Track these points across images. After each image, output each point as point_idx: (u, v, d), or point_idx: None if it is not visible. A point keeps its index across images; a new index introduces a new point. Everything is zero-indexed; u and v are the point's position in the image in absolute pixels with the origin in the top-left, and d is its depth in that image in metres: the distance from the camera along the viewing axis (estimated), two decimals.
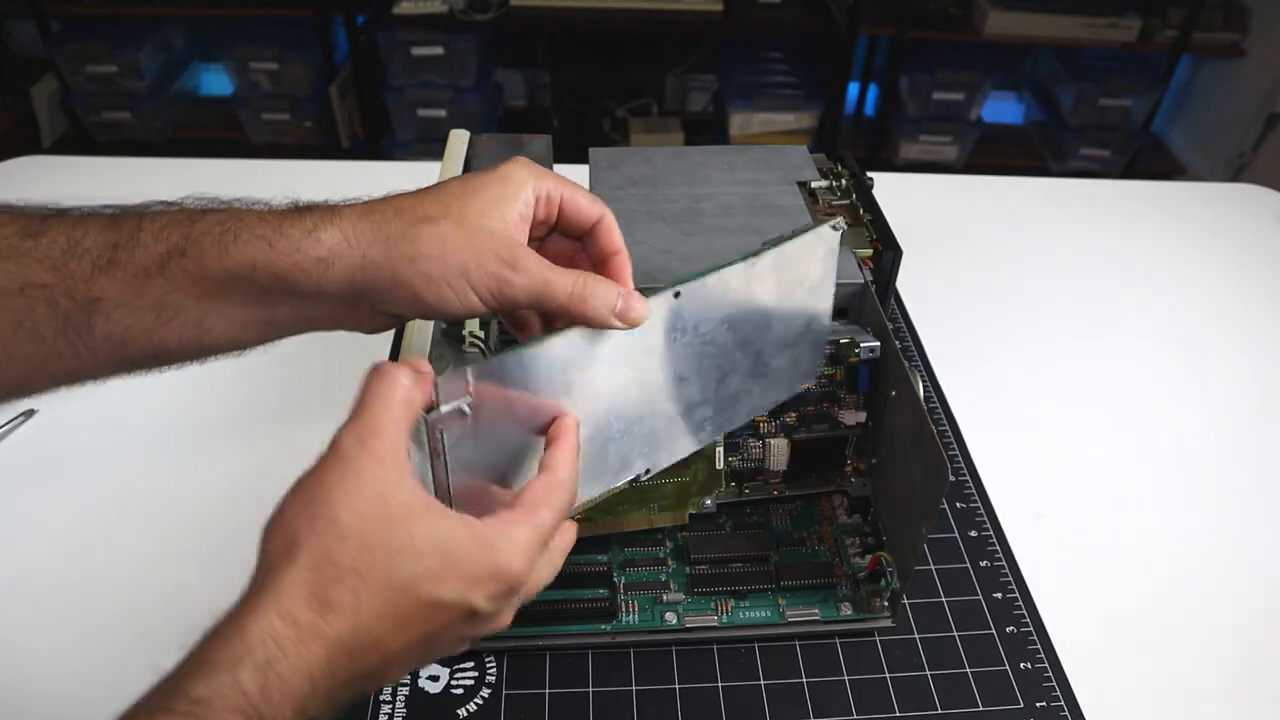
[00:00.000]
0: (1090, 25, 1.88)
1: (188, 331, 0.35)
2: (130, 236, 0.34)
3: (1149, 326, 0.74)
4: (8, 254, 0.33)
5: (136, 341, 0.35)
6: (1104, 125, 1.99)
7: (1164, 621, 0.53)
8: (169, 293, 0.34)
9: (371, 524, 0.30)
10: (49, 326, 0.34)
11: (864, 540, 0.53)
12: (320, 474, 0.31)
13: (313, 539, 0.30)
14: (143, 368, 0.37)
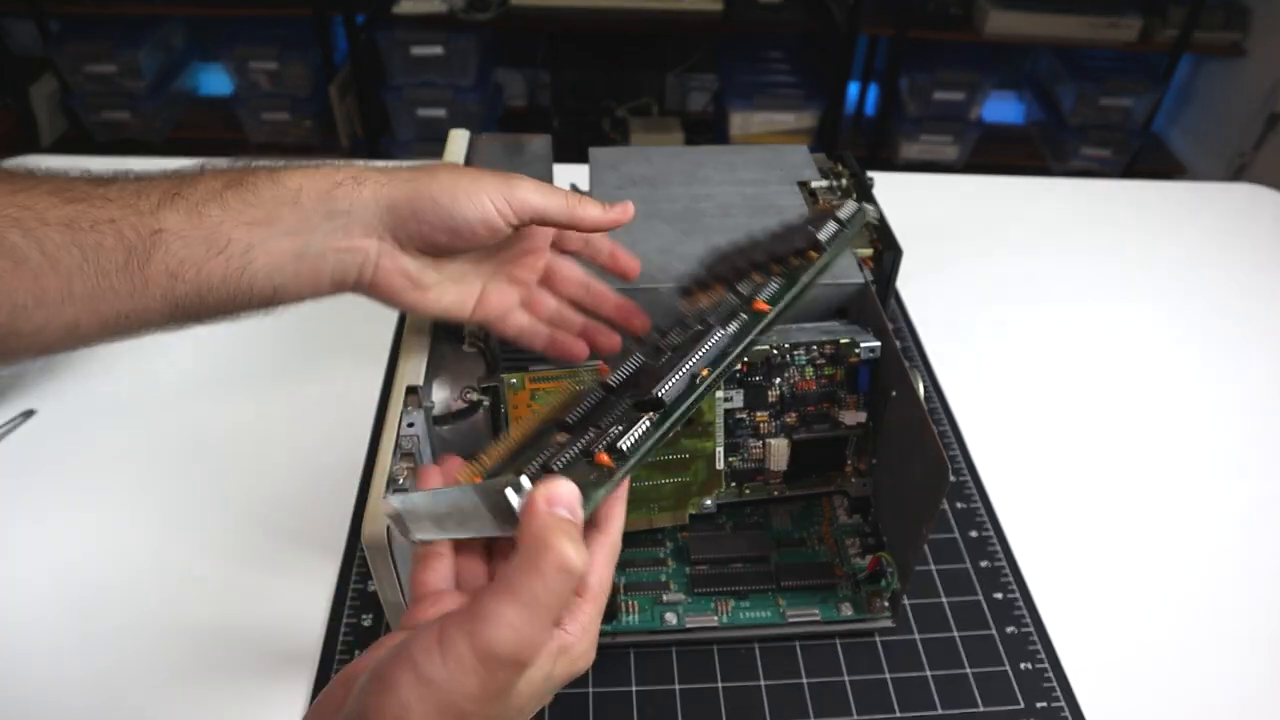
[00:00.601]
0: (1091, 25, 1.88)
1: (233, 264, 0.38)
2: (194, 176, 0.39)
3: (1150, 326, 0.74)
4: (81, 197, 0.36)
5: (186, 275, 0.37)
6: (1104, 125, 1.99)
7: (1164, 622, 0.53)
8: (222, 222, 0.38)
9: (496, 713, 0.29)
10: (112, 259, 0.36)
11: (864, 540, 0.53)
12: (466, 694, 0.28)
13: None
14: (186, 311, 0.39)
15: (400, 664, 0.28)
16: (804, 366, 0.50)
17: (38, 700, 0.46)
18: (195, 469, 0.58)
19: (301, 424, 0.62)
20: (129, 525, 0.55)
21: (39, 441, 0.60)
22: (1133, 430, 0.65)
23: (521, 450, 0.35)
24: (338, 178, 0.40)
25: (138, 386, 0.64)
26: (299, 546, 0.54)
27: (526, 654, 0.28)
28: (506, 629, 0.27)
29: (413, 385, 0.47)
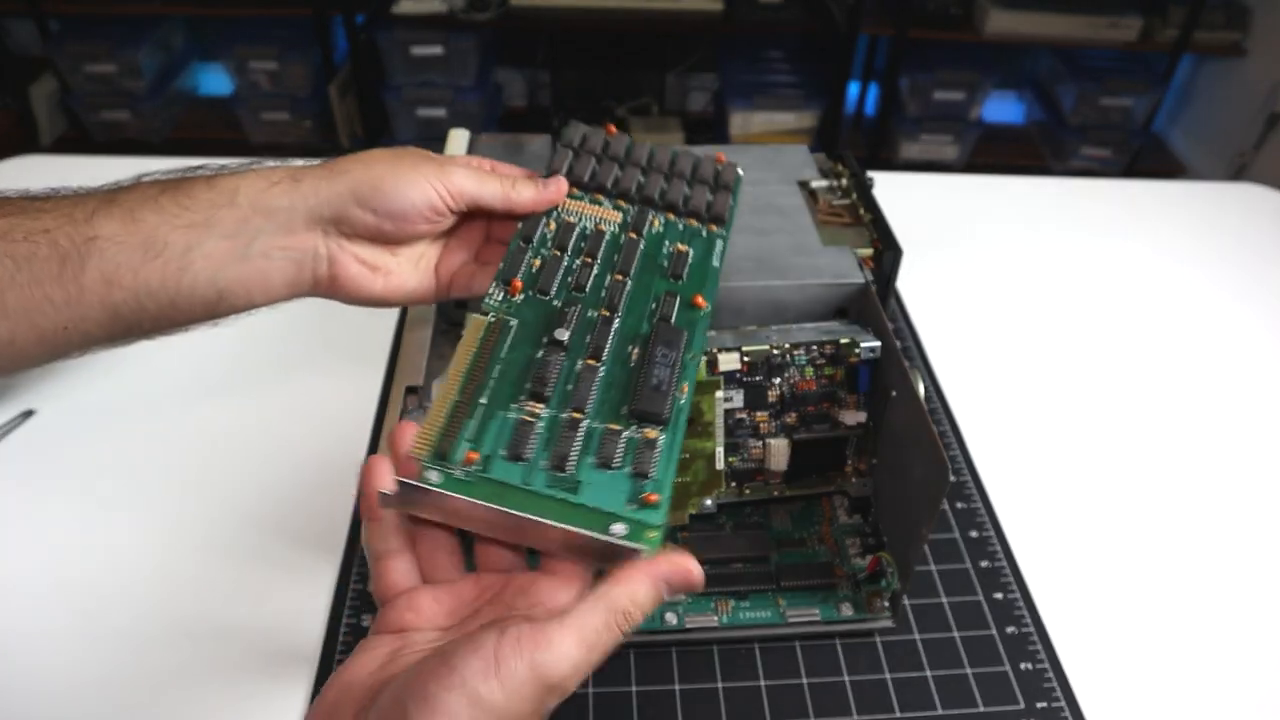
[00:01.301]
0: (1091, 25, 1.88)
1: (171, 267, 0.38)
2: (130, 185, 0.39)
3: (1150, 326, 0.74)
4: (16, 211, 0.36)
5: (123, 280, 0.37)
6: (1105, 125, 1.99)
7: (1165, 622, 0.53)
8: (159, 226, 0.37)
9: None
10: (47, 269, 0.36)
11: (864, 540, 0.53)
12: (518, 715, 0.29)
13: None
14: (126, 320, 0.38)
15: (449, 685, 0.27)
16: (804, 366, 0.50)
17: (37, 700, 0.46)
18: (195, 469, 0.58)
19: (302, 424, 0.62)
20: (129, 525, 0.55)
21: (39, 441, 0.60)
22: (1133, 430, 0.65)
23: (466, 412, 0.35)
24: (274, 177, 0.40)
25: (138, 387, 0.64)
26: (299, 546, 0.54)
27: (573, 684, 0.29)
28: (566, 662, 0.28)
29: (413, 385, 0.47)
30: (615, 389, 0.38)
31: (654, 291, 0.42)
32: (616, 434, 0.36)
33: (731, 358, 0.48)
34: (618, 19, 1.89)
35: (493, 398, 0.36)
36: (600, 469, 0.35)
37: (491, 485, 0.33)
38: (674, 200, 0.47)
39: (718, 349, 0.48)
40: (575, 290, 0.41)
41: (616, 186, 0.47)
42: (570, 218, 0.44)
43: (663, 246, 0.45)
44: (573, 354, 0.38)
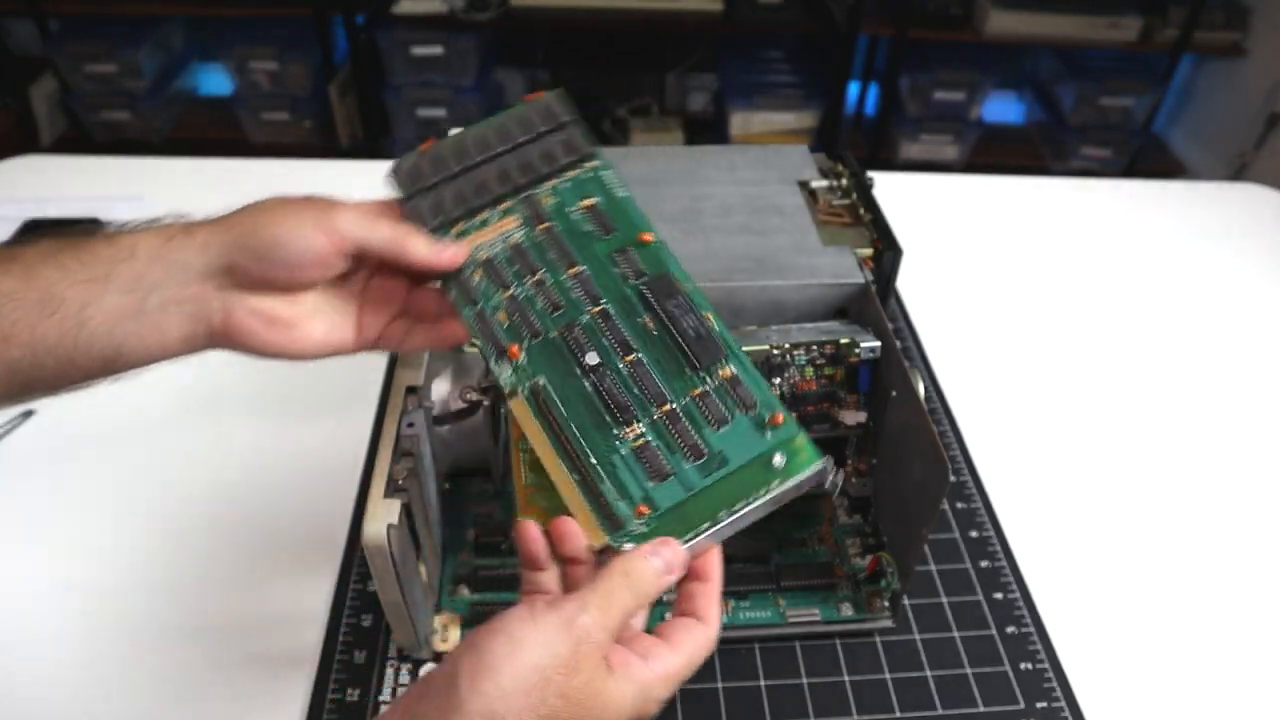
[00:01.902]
0: (1091, 25, 1.88)
1: (68, 324, 0.37)
2: (31, 243, 0.38)
3: (1150, 326, 0.74)
4: None
5: (20, 337, 0.37)
6: (1105, 125, 1.99)
7: (1164, 622, 0.53)
8: (56, 282, 0.37)
9: (577, 707, 0.32)
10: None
11: (864, 541, 0.53)
12: (552, 654, 0.32)
13: (526, 715, 0.31)
14: (24, 377, 0.38)
15: (491, 632, 0.31)
16: (804, 366, 0.50)
17: (37, 701, 0.46)
18: (195, 469, 0.58)
19: (301, 424, 0.62)
20: (129, 525, 0.55)
21: (39, 442, 0.60)
22: (1132, 430, 0.65)
23: (595, 480, 0.37)
24: (171, 231, 0.39)
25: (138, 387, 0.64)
26: (299, 546, 0.54)
27: (598, 634, 0.32)
28: (589, 612, 0.32)
29: (413, 385, 0.47)
30: (666, 359, 0.39)
31: (604, 257, 0.41)
32: (704, 395, 0.38)
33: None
34: (618, 19, 1.89)
35: (599, 452, 0.37)
36: (723, 430, 0.37)
37: (672, 514, 0.36)
38: (533, 164, 0.44)
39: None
40: (555, 311, 0.40)
41: (483, 194, 0.43)
42: (483, 253, 0.42)
43: (570, 213, 0.43)
44: (610, 363, 0.39)
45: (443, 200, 0.42)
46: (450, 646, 0.47)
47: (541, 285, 0.41)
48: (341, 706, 0.46)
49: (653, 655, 0.34)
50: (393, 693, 0.46)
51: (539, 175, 0.43)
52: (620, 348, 0.39)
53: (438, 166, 0.43)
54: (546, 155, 0.44)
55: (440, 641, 0.48)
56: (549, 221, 0.42)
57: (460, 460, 0.53)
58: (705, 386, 0.38)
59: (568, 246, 0.42)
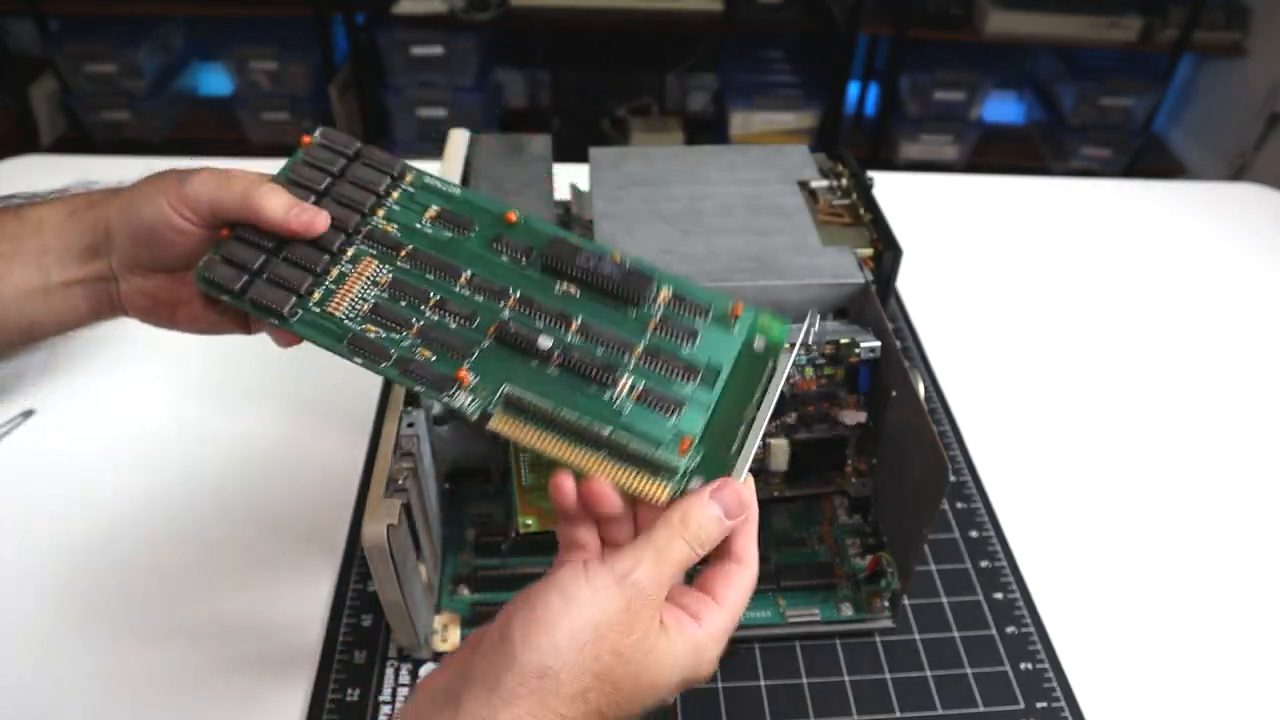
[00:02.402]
0: (1091, 25, 1.88)
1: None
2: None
3: (1150, 326, 0.74)
4: None
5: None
6: (1105, 125, 1.99)
7: (1164, 622, 0.53)
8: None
9: (631, 665, 0.32)
10: None
11: (864, 540, 0.53)
12: (605, 611, 0.32)
13: (579, 672, 0.31)
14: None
15: (545, 587, 0.32)
16: (804, 366, 0.50)
17: (36, 701, 0.46)
18: (195, 469, 0.58)
19: (302, 424, 0.62)
20: (128, 525, 0.55)
21: (39, 441, 0.60)
22: (1132, 430, 0.65)
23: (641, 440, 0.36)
24: (76, 204, 0.40)
25: (137, 387, 0.64)
26: (299, 546, 0.54)
27: (652, 590, 0.32)
28: (640, 565, 0.32)
29: None
30: (605, 311, 0.39)
31: (484, 253, 0.40)
32: (661, 321, 0.38)
33: None
34: (618, 19, 1.89)
35: (607, 417, 0.36)
36: (697, 343, 0.38)
37: (710, 438, 0.36)
38: (353, 200, 0.41)
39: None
40: (472, 322, 0.38)
41: (322, 251, 0.39)
42: (364, 304, 0.38)
43: (420, 230, 0.41)
44: (560, 339, 0.38)
45: (284, 276, 0.38)
46: (450, 647, 0.47)
47: (443, 306, 0.38)
48: (341, 706, 0.46)
49: (704, 615, 0.34)
50: (393, 693, 0.46)
51: (365, 209, 0.40)
52: (558, 321, 0.38)
53: (251, 250, 0.39)
54: (360, 186, 0.41)
55: (440, 641, 0.48)
56: (405, 246, 0.40)
57: (460, 460, 0.53)
58: (655, 315, 0.39)
59: (440, 259, 0.40)
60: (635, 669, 0.31)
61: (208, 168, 0.39)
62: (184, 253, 0.39)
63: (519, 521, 0.49)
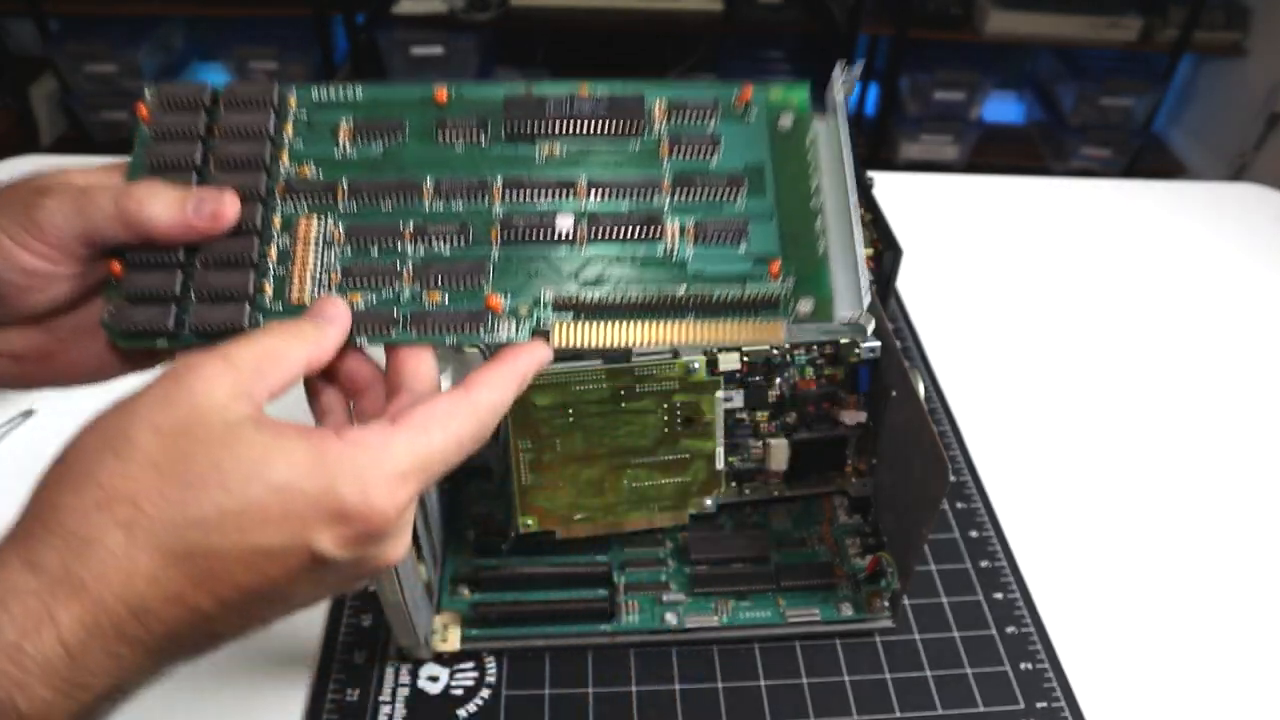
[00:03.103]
0: (1091, 25, 1.88)
1: None
2: None
3: (1149, 326, 0.74)
4: None
5: None
6: (1105, 125, 1.99)
7: (1165, 622, 0.53)
8: None
9: (170, 443, 0.24)
10: None
11: (864, 540, 0.53)
12: (147, 387, 0.26)
13: (87, 462, 0.24)
14: None
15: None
16: (804, 366, 0.50)
17: None
18: None
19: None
20: None
21: (38, 441, 0.60)
22: (1133, 430, 0.65)
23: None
24: None
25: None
26: None
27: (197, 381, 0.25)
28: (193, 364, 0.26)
29: None
30: (612, 159, 0.33)
31: (435, 152, 0.33)
32: (675, 139, 0.33)
33: (731, 358, 0.48)
34: (618, 19, 1.89)
35: (697, 262, 0.31)
36: (725, 144, 0.33)
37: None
38: (255, 154, 0.33)
39: (718, 349, 0.48)
40: (465, 239, 0.32)
41: (249, 227, 0.32)
42: (333, 274, 0.32)
43: (345, 159, 0.33)
44: (585, 208, 0.32)
45: (220, 286, 0.31)
46: (450, 647, 0.47)
47: (424, 232, 0.32)
48: (341, 706, 0.46)
49: (354, 428, 0.27)
50: (393, 693, 0.46)
51: (264, 161, 0.32)
52: (563, 190, 0.32)
53: (160, 273, 0.31)
54: (244, 138, 0.33)
55: (440, 641, 0.48)
56: (338, 184, 0.32)
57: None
58: (662, 138, 0.33)
59: (388, 181, 0.32)
60: (202, 455, 0.24)
61: (53, 187, 0.30)
62: (50, 299, 0.31)
63: (519, 521, 0.49)
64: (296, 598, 0.28)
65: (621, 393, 0.47)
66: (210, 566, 0.24)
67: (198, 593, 0.24)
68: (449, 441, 0.28)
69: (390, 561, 0.28)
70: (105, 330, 0.32)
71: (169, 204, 0.30)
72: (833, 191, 0.32)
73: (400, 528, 0.28)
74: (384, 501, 0.26)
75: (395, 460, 0.26)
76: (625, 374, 0.46)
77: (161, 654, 0.26)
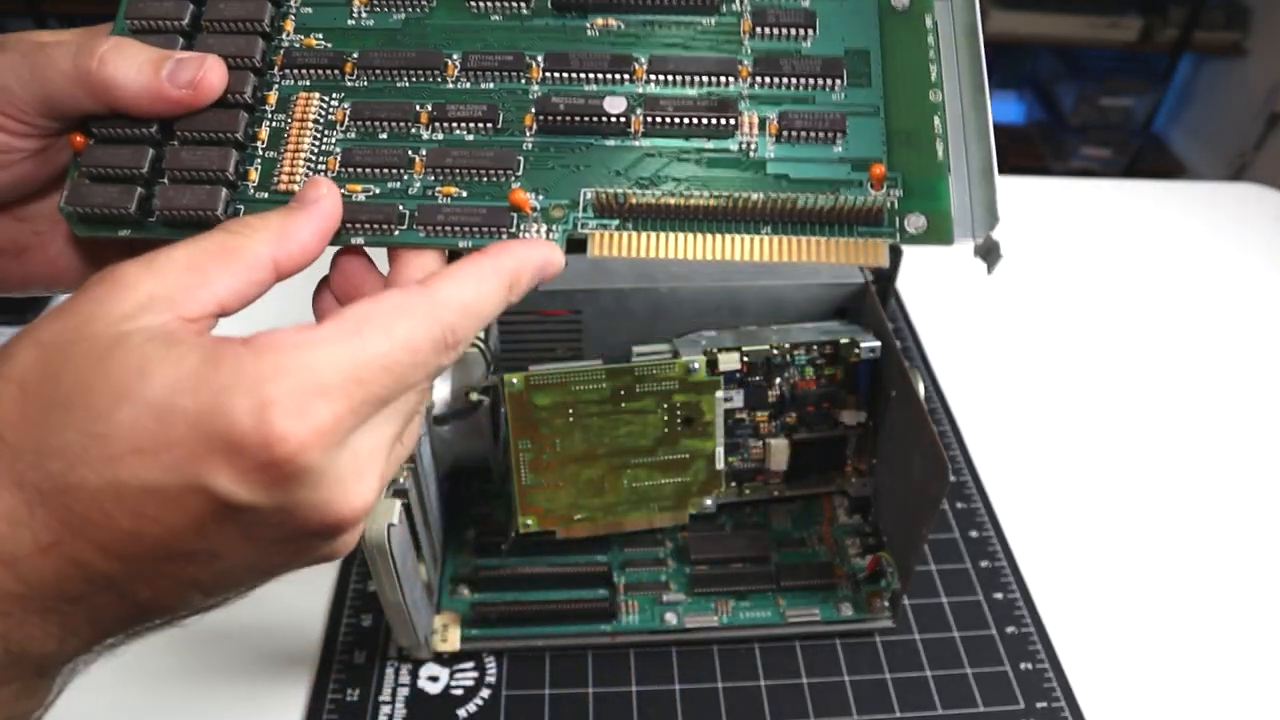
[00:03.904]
0: (1091, 25, 1.88)
1: None
2: None
3: (1149, 325, 0.74)
4: None
5: None
6: (1105, 125, 1.99)
7: (1164, 622, 0.53)
8: None
9: (45, 360, 0.20)
10: None
11: (864, 540, 0.53)
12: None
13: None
14: None
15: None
16: (804, 366, 0.50)
17: None
18: None
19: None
20: None
21: None
22: (1133, 430, 0.65)
23: None
24: None
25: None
26: None
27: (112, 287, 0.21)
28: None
29: None
30: (671, 32, 0.28)
31: (465, 9, 0.29)
32: (759, 12, 0.28)
33: (731, 358, 0.48)
34: None
35: (780, 165, 0.26)
36: (818, 27, 0.28)
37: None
38: (248, 43, 0.28)
39: (718, 349, 0.48)
40: (490, 125, 0.27)
41: (237, 96, 0.27)
42: (336, 151, 0.27)
43: (359, 27, 0.29)
44: (636, 93, 0.27)
45: (194, 166, 0.26)
46: (450, 647, 0.47)
47: (443, 115, 0.27)
48: (341, 706, 0.46)
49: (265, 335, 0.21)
50: (393, 693, 0.46)
51: (264, 26, 0.28)
52: (616, 73, 0.27)
53: (129, 148, 0.26)
54: (247, 8, 0.28)
55: (440, 641, 0.48)
56: (348, 57, 0.28)
57: (460, 460, 0.53)
58: (744, 11, 0.28)
59: (408, 55, 0.27)
60: (71, 372, 0.20)
61: (7, 44, 0.28)
62: (16, 179, 0.27)
63: (519, 521, 0.49)
64: (228, 557, 0.21)
65: (621, 393, 0.47)
66: (84, 510, 0.19)
67: (78, 542, 0.20)
68: (394, 347, 0.21)
69: (339, 516, 0.21)
70: (65, 218, 0.27)
71: (139, 66, 0.25)
72: (956, 83, 0.27)
73: (333, 464, 0.20)
74: (289, 422, 0.19)
75: (310, 368, 0.20)
76: (625, 374, 0.46)
77: (67, 619, 0.21)
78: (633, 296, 0.51)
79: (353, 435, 0.21)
